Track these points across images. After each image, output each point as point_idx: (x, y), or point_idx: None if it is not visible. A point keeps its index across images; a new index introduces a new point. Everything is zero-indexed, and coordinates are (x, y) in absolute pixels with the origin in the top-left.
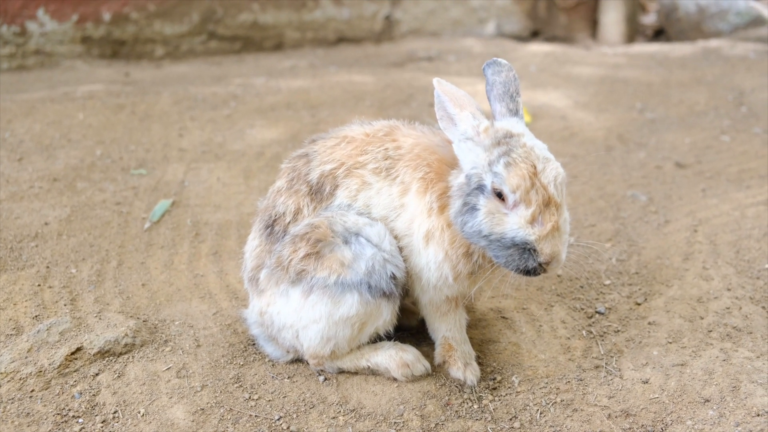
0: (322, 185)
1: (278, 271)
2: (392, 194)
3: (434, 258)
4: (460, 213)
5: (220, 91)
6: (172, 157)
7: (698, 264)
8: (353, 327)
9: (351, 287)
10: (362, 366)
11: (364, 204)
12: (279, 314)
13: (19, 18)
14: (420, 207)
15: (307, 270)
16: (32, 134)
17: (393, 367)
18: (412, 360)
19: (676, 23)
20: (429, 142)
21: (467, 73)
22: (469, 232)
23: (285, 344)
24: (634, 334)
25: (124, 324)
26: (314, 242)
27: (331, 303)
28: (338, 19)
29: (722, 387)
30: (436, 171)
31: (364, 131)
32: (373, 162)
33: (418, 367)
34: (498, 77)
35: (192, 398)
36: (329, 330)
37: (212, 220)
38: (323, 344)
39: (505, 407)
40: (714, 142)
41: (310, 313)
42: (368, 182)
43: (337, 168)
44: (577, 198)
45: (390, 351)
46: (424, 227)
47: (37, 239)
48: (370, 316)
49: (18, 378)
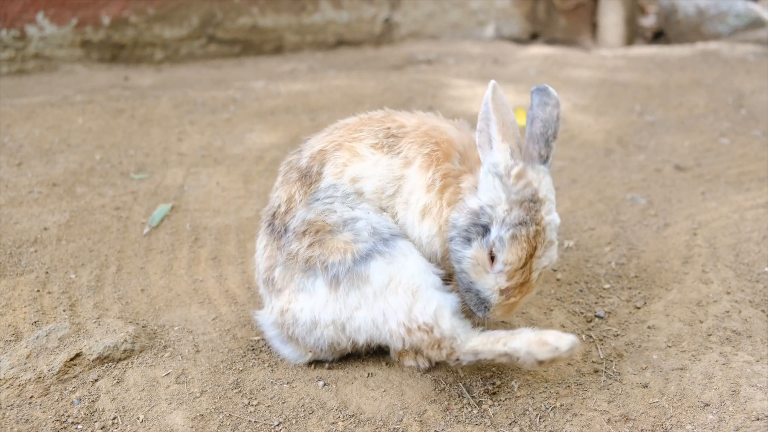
0: (311, 167)
1: (291, 265)
2: (392, 165)
3: (427, 232)
4: (458, 233)
5: (219, 94)
6: (171, 161)
7: (698, 267)
8: (406, 292)
9: (368, 257)
10: (498, 351)
11: (351, 179)
12: (303, 311)
13: (19, 22)
14: (421, 181)
15: (314, 256)
16: (32, 139)
17: (535, 349)
18: (553, 338)
19: (675, 25)
20: (436, 123)
21: (466, 76)
22: (452, 250)
23: (310, 343)
24: (633, 338)
25: (123, 330)
26: (315, 232)
27: (361, 282)
28: (337, 22)
29: (722, 391)
30: (444, 151)
31: (359, 117)
32: (372, 138)
33: (564, 342)
34: (541, 111)
35: (191, 404)
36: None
37: (211, 225)
38: (406, 325)
39: (505, 412)
40: (713, 144)
41: (351, 304)
42: (361, 154)
43: (326, 146)
44: (576, 201)
45: (528, 334)
46: (422, 201)
47: (37, 244)
48: (404, 269)
49: (17, 384)
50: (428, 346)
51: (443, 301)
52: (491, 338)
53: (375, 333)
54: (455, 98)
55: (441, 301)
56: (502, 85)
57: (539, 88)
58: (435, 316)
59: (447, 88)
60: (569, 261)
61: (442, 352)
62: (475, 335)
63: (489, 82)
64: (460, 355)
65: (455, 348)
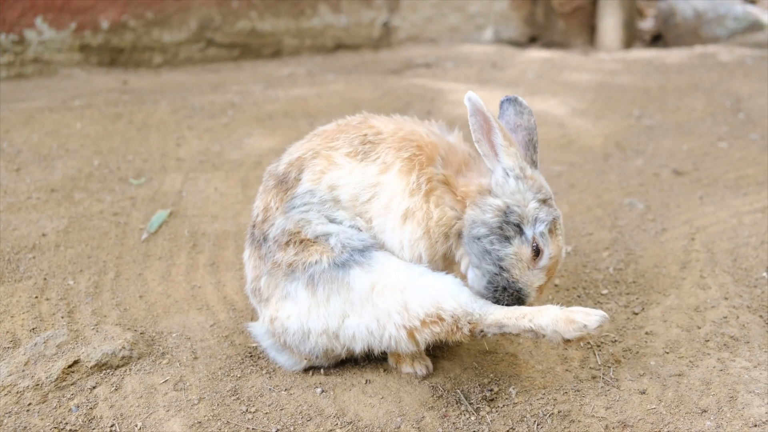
0: (289, 173)
1: (275, 273)
2: (367, 173)
3: (409, 236)
4: (491, 230)
5: (217, 99)
6: (169, 166)
7: (695, 273)
8: (394, 292)
9: (346, 265)
10: (524, 327)
11: (328, 186)
12: (290, 318)
13: (18, 26)
14: (401, 185)
15: (296, 260)
16: (30, 144)
17: (561, 327)
18: (581, 315)
19: (673, 28)
20: (414, 127)
21: (465, 80)
22: (483, 247)
23: (305, 351)
24: (631, 344)
25: (121, 336)
26: (299, 242)
27: (342, 289)
28: (336, 26)
29: (719, 397)
30: (427, 155)
31: (336, 123)
32: (347, 146)
33: (592, 319)
34: (521, 120)
35: (189, 411)
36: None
37: (210, 231)
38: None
39: (503, 419)
40: (711, 148)
41: (336, 310)
42: (337, 163)
43: (305, 153)
44: (574, 206)
45: (555, 312)
46: (404, 205)
47: (35, 251)
48: (384, 275)
49: (15, 391)
50: (448, 334)
51: (438, 283)
52: (516, 312)
53: (373, 341)
54: (454, 102)
55: (435, 284)
56: (501, 88)
57: (511, 99)
58: (437, 302)
59: (445, 91)
60: (567, 266)
61: (464, 331)
62: (496, 308)
63: (469, 93)
64: (484, 327)
65: (476, 322)
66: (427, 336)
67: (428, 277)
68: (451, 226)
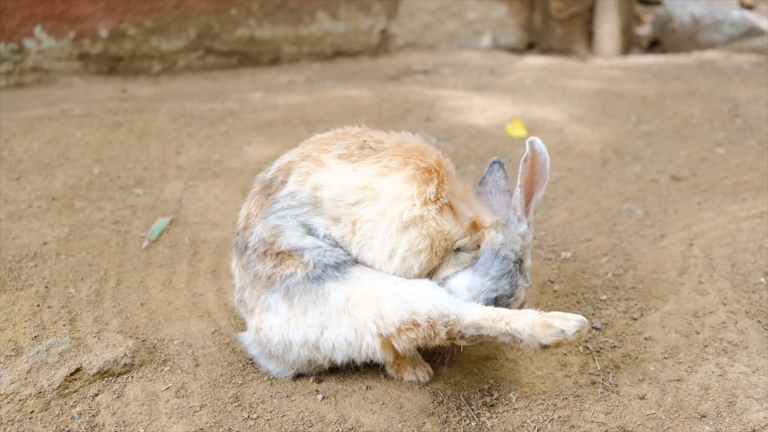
0: (275, 178)
1: (257, 284)
2: (358, 175)
3: (408, 246)
4: (516, 257)
5: (217, 107)
6: (169, 174)
7: (694, 278)
8: (369, 302)
9: (320, 279)
10: (501, 329)
11: (312, 186)
12: (272, 329)
13: (17, 35)
14: (412, 192)
15: (275, 273)
16: (30, 153)
17: (538, 332)
18: (558, 320)
19: (671, 34)
20: (420, 143)
21: (463, 87)
22: (509, 269)
23: (289, 361)
24: (630, 349)
25: (123, 344)
26: (275, 255)
27: (317, 301)
28: (334, 33)
29: (718, 402)
30: (445, 172)
31: (334, 132)
32: (341, 149)
33: (570, 324)
34: (507, 184)
35: (191, 418)
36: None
37: (210, 238)
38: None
39: (503, 424)
40: (709, 154)
41: (313, 322)
42: (325, 164)
43: (295, 157)
44: (573, 212)
45: (533, 316)
46: (412, 213)
47: (36, 259)
48: (359, 287)
49: (17, 399)
50: (425, 339)
51: (412, 288)
52: (493, 314)
53: (352, 352)
54: (452, 109)
55: (409, 289)
56: (499, 95)
57: (500, 162)
58: (411, 307)
59: (444, 98)
60: (566, 272)
61: (441, 336)
62: (473, 308)
63: (535, 139)
64: (461, 328)
65: (453, 323)
66: (405, 343)
67: (402, 284)
68: (453, 243)
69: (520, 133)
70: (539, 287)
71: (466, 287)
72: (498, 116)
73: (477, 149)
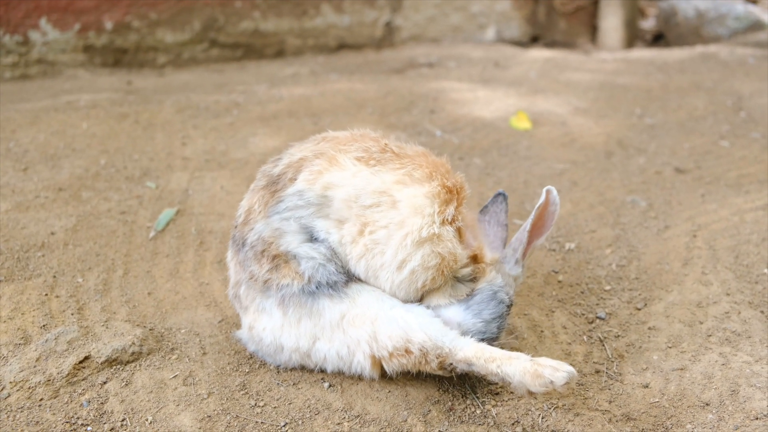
0: (284, 174)
1: (253, 285)
2: (376, 179)
3: (421, 262)
4: (509, 302)
5: (222, 99)
6: (175, 165)
7: (697, 269)
8: (364, 322)
9: (315, 295)
10: (492, 370)
11: (323, 186)
12: (264, 330)
13: (22, 27)
14: (433, 209)
15: (271, 278)
16: (37, 144)
17: (528, 381)
18: (549, 370)
19: (675, 28)
20: (447, 164)
21: (467, 79)
22: (501, 313)
23: (281, 363)
24: (634, 339)
25: (131, 332)
26: (272, 258)
27: (311, 314)
28: (339, 26)
29: (721, 391)
30: (463, 193)
31: (351, 132)
32: (360, 151)
33: (559, 376)
34: (505, 218)
35: (199, 405)
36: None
37: (216, 229)
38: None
39: (508, 412)
40: (713, 147)
41: (306, 332)
42: (341, 164)
43: (308, 155)
44: (577, 204)
45: (524, 364)
46: (432, 229)
47: (44, 249)
48: (354, 306)
49: (27, 387)
50: (416, 365)
51: (408, 315)
52: (486, 353)
53: (342, 366)
54: (456, 101)
55: (406, 316)
56: (503, 88)
57: (505, 195)
58: (405, 335)
59: (448, 91)
60: (570, 263)
61: (432, 365)
62: (467, 344)
63: (551, 188)
64: (453, 362)
65: (444, 356)
66: (395, 366)
67: (399, 309)
68: (458, 268)
69: (524, 126)
70: (544, 278)
71: (457, 322)
72: (502, 109)
73: (481, 141)
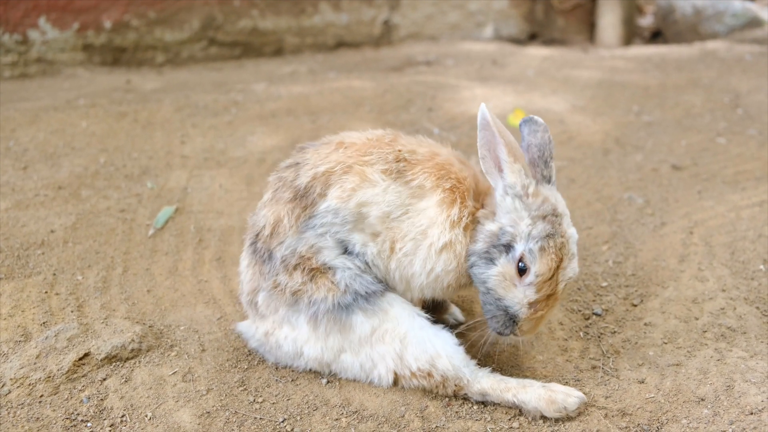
0: (311, 188)
1: (277, 296)
2: (402, 192)
3: (443, 266)
4: (479, 257)
5: (221, 97)
6: (174, 164)
7: (694, 265)
8: (393, 340)
9: (349, 309)
10: (508, 400)
11: (358, 204)
12: (286, 339)
13: (21, 26)
14: (442, 216)
15: (302, 290)
16: (36, 142)
17: (543, 406)
18: (562, 396)
19: (672, 25)
20: (449, 156)
21: (465, 77)
22: (474, 274)
23: (292, 366)
24: (630, 335)
25: (130, 329)
26: (308, 271)
27: (343, 329)
28: (337, 24)
29: (717, 386)
30: (467, 188)
31: (366, 136)
32: (382, 163)
33: (571, 402)
34: (534, 138)
35: (198, 402)
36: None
37: (215, 227)
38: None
39: (504, 408)
40: (710, 144)
41: (334, 346)
42: (372, 180)
43: (334, 167)
44: (574, 201)
45: (538, 391)
46: (444, 238)
47: (44, 247)
48: (386, 321)
49: (27, 383)
50: (432, 388)
51: (437, 340)
52: (501, 384)
53: (360, 375)
54: (454, 99)
55: (434, 340)
56: (501, 85)
57: (525, 120)
58: (431, 359)
59: (446, 89)
60: None
61: (447, 390)
62: (483, 376)
63: (482, 106)
64: (468, 392)
65: (462, 386)
66: (412, 385)
67: (428, 330)
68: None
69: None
70: None
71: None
72: (500, 106)
73: None
